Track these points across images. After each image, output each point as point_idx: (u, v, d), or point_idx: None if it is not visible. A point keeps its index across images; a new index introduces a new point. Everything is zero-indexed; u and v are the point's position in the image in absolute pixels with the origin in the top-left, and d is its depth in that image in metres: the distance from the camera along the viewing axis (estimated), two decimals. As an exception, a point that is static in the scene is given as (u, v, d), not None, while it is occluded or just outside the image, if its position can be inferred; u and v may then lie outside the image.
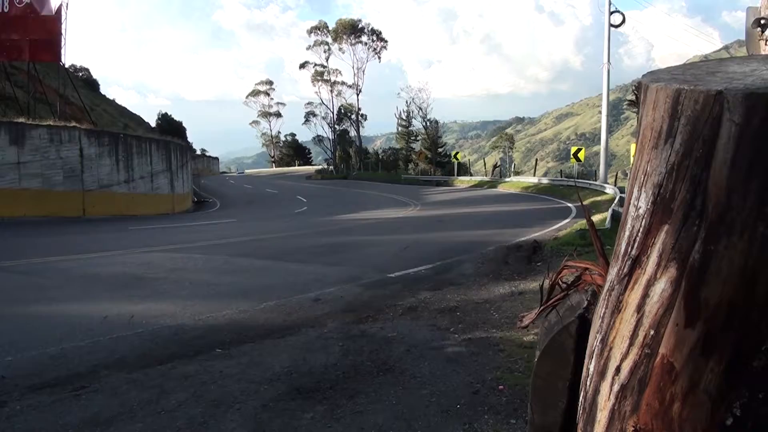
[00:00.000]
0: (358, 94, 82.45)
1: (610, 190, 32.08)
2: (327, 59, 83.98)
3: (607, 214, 17.72)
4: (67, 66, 37.11)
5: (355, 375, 5.15)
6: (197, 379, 5.12)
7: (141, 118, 66.28)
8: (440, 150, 67.67)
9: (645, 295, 1.42)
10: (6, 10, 28.44)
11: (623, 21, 37.17)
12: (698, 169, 1.33)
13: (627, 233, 1.51)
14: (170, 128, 61.00)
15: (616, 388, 1.49)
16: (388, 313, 7.39)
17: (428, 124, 68.99)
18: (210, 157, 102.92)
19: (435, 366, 5.34)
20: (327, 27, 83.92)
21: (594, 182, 38.33)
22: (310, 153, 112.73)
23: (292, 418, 4.29)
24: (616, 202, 21.41)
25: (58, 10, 29.32)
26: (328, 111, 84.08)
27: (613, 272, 1.56)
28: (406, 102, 70.67)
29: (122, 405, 4.57)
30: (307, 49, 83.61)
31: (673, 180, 1.37)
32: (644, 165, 1.45)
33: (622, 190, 26.06)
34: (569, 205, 28.60)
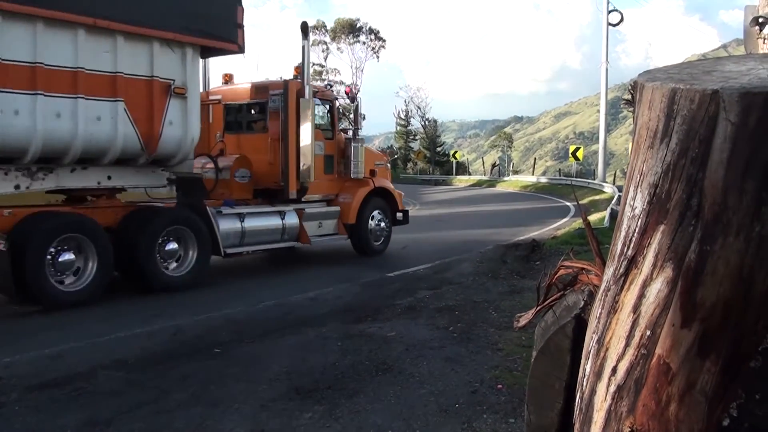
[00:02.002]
0: (356, 94, 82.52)
1: (608, 188, 32.12)
2: (325, 59, 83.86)
3: (606, 213, 17.74)
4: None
5: (353, 374, 5.15)
6: (196, 379, 5.11)
7: (139, 117, 66.22)
8: (439, 149, 67.66)
9: (641, 296, 1.41)
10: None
11: (621, 20, 37.19)
12: (694, 168, 1.33)
13: (623, 233, 1.50)
14: (169, 128, 60.94)
15: (612, 388, 1.48)
16: (386, 313, 7.38)
17: (427, 123, 69.01)
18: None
19: (433, 365, 5.34)
20: (325, 26, 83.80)
21: (592, 181, 38.39)
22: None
23: (290, 418, 4.28)
24: (614, 200, 21.44)
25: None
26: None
27: (609, 272, 1.56)
28: (405, 101, 70.54)
29: (121, 405, 4.57)
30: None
31: (669, 180, 1.37)
32: (640, 164, 1.45)
33: (620, 189, 26.07)
34: (568, 204, 28.62)
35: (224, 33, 10.32)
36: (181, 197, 10.27)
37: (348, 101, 13.97)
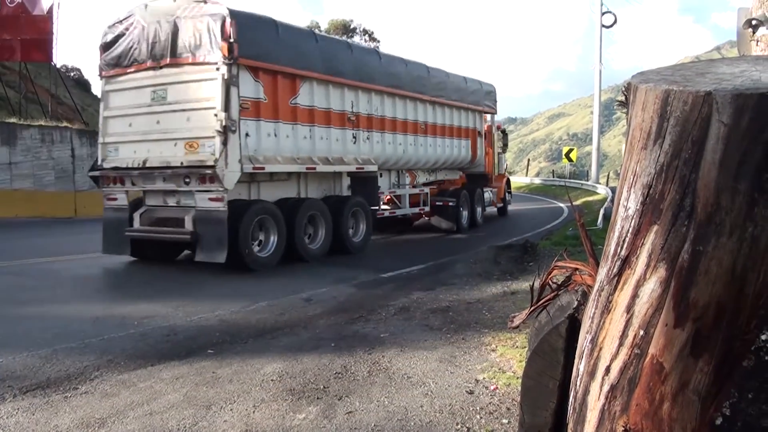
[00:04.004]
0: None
1: (601, 189, 32.23)
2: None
3: (599, 214, 17.81)
4: (58, 66, 37.02)
5: (347, 375, 5.15)
6: (189, 381, 5.10)
7: (133, 118, 66.00)
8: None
9: (634, 296, 1.42)
10: (-1, 11, 28.37)
11: (615, 21, 37.34)
12: (687, 169, 1.34)
13: (616, 234, 1.51)
14: (162, 128, 60.62)
15: (606, 388, 1.49)
16: (380, 313, 7.39)
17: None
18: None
19: (427, 366, 5.34)
20: (319, 27, 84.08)
21: (586, 182, 38.51)
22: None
23: (284, 419, 4.28)
24: (607, 201, 21.54)
25: (50, 10, 29.21)
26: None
27: (602, 273, 1.57)
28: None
29: (113, 407, 4.56)
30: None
31: (663, 180, 1.38)
32: (633, 165, 1.46)
33: (613, 190, 26.17)
34: (561, 205, 28.70)
35: (492, 104, 20.79)
36: (469, 183, 19.97)
37: (500, 132, 23.17)
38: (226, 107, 10.48)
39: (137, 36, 11.57)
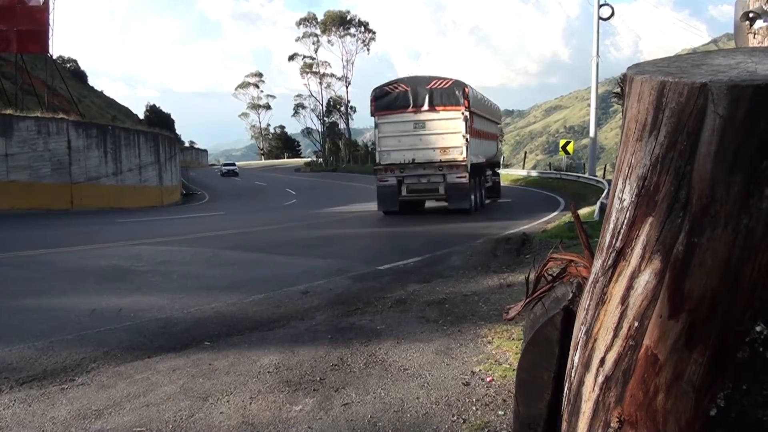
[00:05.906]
0: (347, 87, 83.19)
1: (598, 182, 32.20)
2: (316, 51, 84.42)
3: (595, 207, 17.81)
4: (54, 57, 36.91)
5: (344, 367, 5.15)
6: (185, 372, 5.11)
7: (129, 109, 66.09)
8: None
9: (629, 287, 1.42)
10: (-7, 1, 28.20)
11: (612, 14, 37.26)
12: (682, 161, 1.34)
13: (611, 225, 1.51)
14: (158, 120, 60.62)
15: (600, 379, 1.49)
16: (377, 306, 7.39)
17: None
18: (198, 149, 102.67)
19: (424, 358, 5.35)
20: (316, 19, 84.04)
21: (583, 175, 38.49)
22: (299, 145, 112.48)
23: (280, 410, 4.29)
24: (604, 194, 21.54)
25: (46, 1, 29.10)
26: (318, 103, 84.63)
27: (597, 264, 1.57)
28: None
29: (110, 398, 4.56)
30: (296, 40, 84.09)
31: (658, 172, 1.38)
32: (629, 157, 1.46)
33: (610, 182, 26.24)
34: (558, 197, 28.72)
35: (500, 118, 32.96)
36: (489, 165, 26.40)
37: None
38: (466, 131, 20.40)
39: (402, 93, 20.90)
